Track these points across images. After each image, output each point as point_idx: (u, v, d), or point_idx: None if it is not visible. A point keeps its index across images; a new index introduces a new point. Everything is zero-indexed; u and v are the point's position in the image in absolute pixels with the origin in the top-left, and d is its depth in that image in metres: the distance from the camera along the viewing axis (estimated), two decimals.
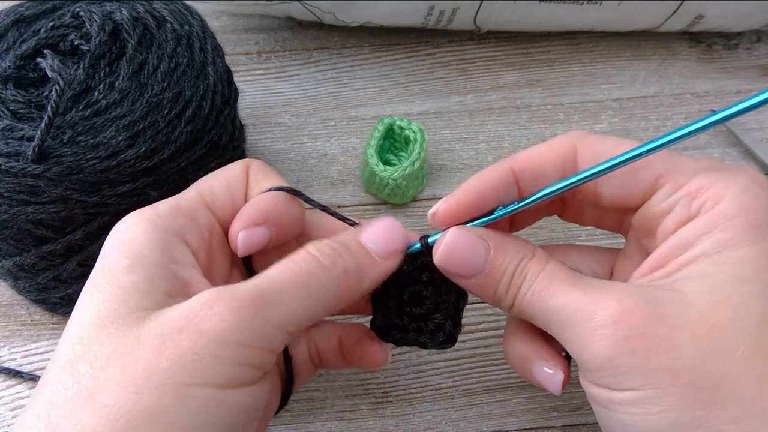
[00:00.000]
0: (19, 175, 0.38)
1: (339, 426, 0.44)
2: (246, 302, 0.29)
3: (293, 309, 0.30)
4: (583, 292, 0.30)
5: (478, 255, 0.33)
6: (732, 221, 0.29)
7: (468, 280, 0.33)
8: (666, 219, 0.31)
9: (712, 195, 0.30)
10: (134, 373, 0.27)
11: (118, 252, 0.31)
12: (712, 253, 0.29)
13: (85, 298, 0.30)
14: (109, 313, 0.29)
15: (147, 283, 0.30)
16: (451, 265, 0.33)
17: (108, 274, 0.30)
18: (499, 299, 0.33)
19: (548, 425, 0.44)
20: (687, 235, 0.30)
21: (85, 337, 0.29)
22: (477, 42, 0.63)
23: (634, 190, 0.32)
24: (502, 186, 0.34)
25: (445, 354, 0.46)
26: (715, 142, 0.56)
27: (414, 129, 0.52)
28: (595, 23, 0.60)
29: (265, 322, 0.29)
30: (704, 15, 0.58)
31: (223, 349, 0.28)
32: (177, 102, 0.41)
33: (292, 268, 0.31)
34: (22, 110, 0.40)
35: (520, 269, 0.32)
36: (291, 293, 0.30)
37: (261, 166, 0.36)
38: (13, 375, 0.46)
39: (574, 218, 0.38)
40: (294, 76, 0.61)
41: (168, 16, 0.45)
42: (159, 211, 0.33)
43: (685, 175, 0.31)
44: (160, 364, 0.27)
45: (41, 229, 0.41)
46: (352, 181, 0.55)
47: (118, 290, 0.30)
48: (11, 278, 0.46)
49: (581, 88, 0.60)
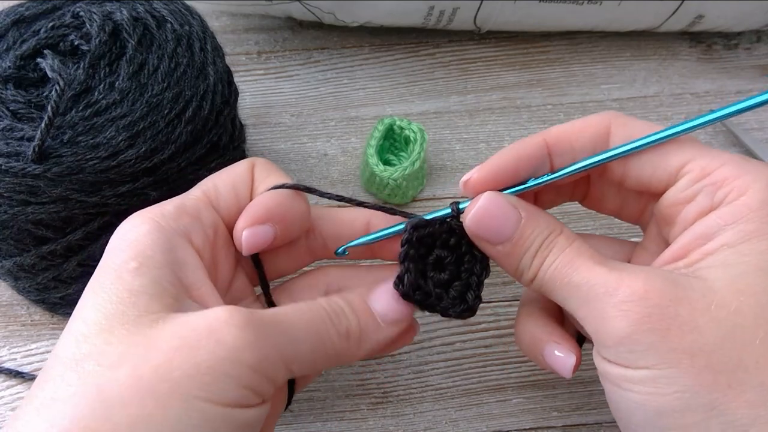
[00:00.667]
0: (19, 176, 0.38)
1: (339, 426, 0.44)
2: (263, 327, 0.29)
3: (302, 350, 0.31)
4: (608, 270, 0.30)
5: (509, 221, 0.33)
6: (756, 213, 0.29)
7: (495, 247, 0.33)
8: (688, 207, 0.32)
9: (737, 186, 0.30)
10: (143, 377, 0.27)
11: (123, 253, 0.31)
12: (735, 244, 0.29)
13: (89, 298, 0.30)
14: (117, 314, 0.29)
15: (155, 287, 0.30)
16: (480, 229, 0.33)
17: (114, 275, 0.30)
18: (522, 271, 0.33)
19: (548, 425, 0.44)
20: (710, 225, 0.30)
21: (91, 336, 0.29)
22: (477, 42, 0.63)
23: (659, 173, 0.33)
24: (536, 157, 0.34)
25: (445, 354, 0.46)
26: (716, 142, 0.56)
27: (414, 129, 0.52)
28: (595, 23, 0.60)
29: (276, 351, 0.29)
30: (704, 15, 0.58)
31: (235, 369, 0.28)
32: (177, 102, 0.41)
33: (306, 312, 0.32)
34: (22, 110, 0.40)
35: (548, 242, 0.32)
36: (303, 335, 0.31)
37: (266, 165, 0.36)
38: (14, 375, 0.46)
39: (595, 204, 0.38)
40: (294, 76, 0.61)
41: (168, 16, 0.45)
42: (164, 211, 0.33)
43: (710, 165, 0.31)
44: (172, 372, 0.27)
45: (41, 229, 0.41)
46: (352, 181, 0.55)
47: (127, 292, 0.29)
48: (11, 278, 0.46)
49: (581, 88, 0.60)
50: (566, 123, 0.35)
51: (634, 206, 0.37)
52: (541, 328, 0.36)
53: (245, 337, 0.28)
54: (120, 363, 0.27)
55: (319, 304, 0.33)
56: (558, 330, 0.36)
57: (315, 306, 0.32)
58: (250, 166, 0.36)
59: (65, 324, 0.47)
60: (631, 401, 0.29)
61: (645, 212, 0.37)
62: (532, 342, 0.36)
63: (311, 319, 0.32)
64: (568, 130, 0.34)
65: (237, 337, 0.28)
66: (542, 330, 0.36)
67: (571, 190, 0.38)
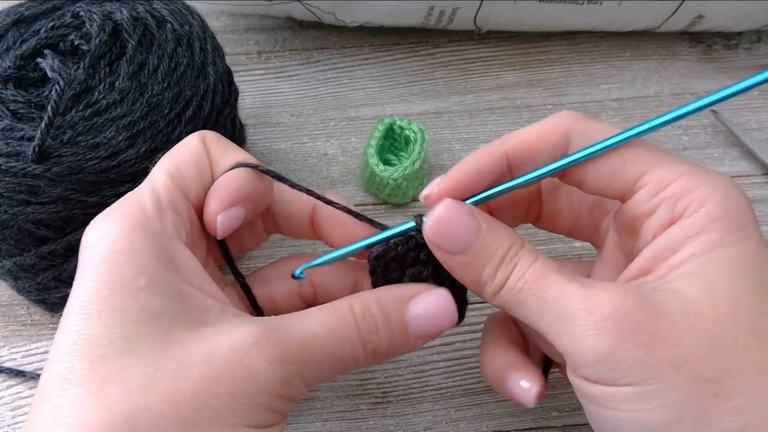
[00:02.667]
0: (19, 175, 0.38)
1: (339, 426, 0.44)
2: (293, 356, 0.29)
3: (325, 372, 0.31)
4: (580, 286, 0.30)
5: (469, 230, 0.31)
6: (718, 223, 0.29)
7: (454, 257, 0.32)
8: (650, 220, 0.31)
9: (697, 198, 0.30)
10: (178, 405, 0.27)
11: (127, 267, 0.29)
12: (701, 254, 0.29)
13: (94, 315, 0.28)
14: (139, 337, 0.28)
15: (173, 304, 0.29)
16: (438, 238, 0.32)
17: (124, 292, 0.28)
18: (484, 283, 0.32)
19: (548, 425, 0.44)
20: (673, 238, 0.30)
21: (108, 358, 0.27)
22: (477, 42, 0.63)
23: (616, 183, 0.32)
24: (497, 170, 0.33)
25: (445, 354, 0.46)
26: (715, 142, 0.56)
27: (414, 129, 0.52)
28: (595, 23, 0.60)
29: (301, 380, 0.30)
30: (704, 15, 0.58)
31: (268, 399, 0.29)
32: (177, 102, 0.41)
33: (338, 332, 0.31)
34: (22, 110, 0.40)
35: (510, 254, 0.31)
36: (330, 359, 0.30)
37: (217, 138, 0.35)
38: (14, 375, 0.46)
39: (548, 224, 0.38)
40: (294, 76, 0.61)
41: (168, 16, 0.45)
42: (145, 210, 0.31)
43: (667, 176, 0.31)
44: (209, 400, 0.27)
45: (41, 229, 0.41)
46: (352, 181, 0.55)
47: (147, 313, 0.28)
48: (11, 278, 0.46)
49: (581, 88, 0.60)
50: (525, 129, 0.34)
51: (588, 222, 0.36)
52: (502, 356, 0.35)
53: (277, 373, 0.28)
54: (149, 387, 0.27)
55: (351, 319, 0.31)
56: (521, 358, 0.35)
57: (347, 325, 0.31)
58: (202, 141, 0.34)
59: None
60: (618, 419, 0.29)
61: (599, 228, 0.36)
62: (495, 371, 0.35)
63: (342, 340, 0.31)
64: (529, 139, 0.33)
65: (269, 372, 0.28)
66: (503, 358, 0.35)
67: (524, 211, 0.38)
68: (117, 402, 0.26)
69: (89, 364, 0.27)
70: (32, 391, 0.45)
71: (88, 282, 0.29)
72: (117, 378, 0.27)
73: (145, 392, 0.27)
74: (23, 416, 0.44)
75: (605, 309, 0.28)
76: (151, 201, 0.31)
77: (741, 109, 0.58)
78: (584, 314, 0.29)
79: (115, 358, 0.27)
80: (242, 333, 0.29)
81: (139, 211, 0.31)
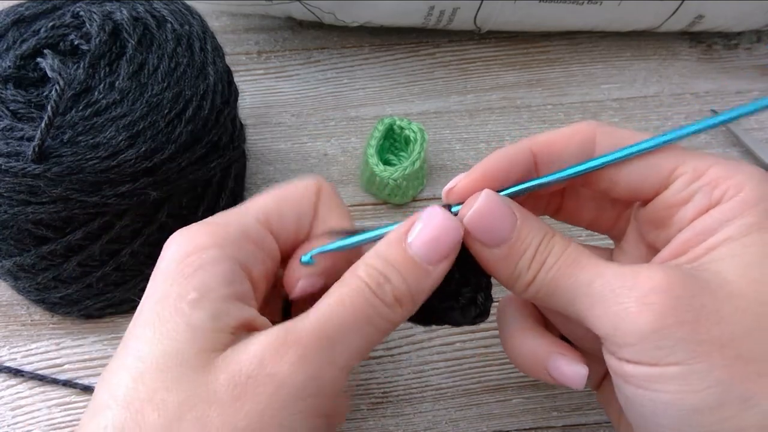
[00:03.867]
0: (19, 175, 0.38)
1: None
2: (312, 347, 0.28)
3: (356, 347, 0.29)
4: (618, 266, 0.29)
5: (506, 222, 0.31)
6: (755, 208, 0.29)
7: (490, 250, 0.31)
8: (685, 207, 0.31)
9: (734, 184, 0.30)
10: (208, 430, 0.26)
11: (186, 282, 0.29)
12: (739, 237, 0.29)
13: (144, 329, 0.28)
14: (175, 353, 0.28)
15: (214, 322, 0.28)
16: (478, 231, 0.31)
17: (173, 307, 0.28)
18: (518, 275, 0.31)
19: (548, 425, 0.44)
20: (710, 221, 0.30)
21: (147, 375, 0.27)
22: (477, 42, 0.63)
23: (651, 179, 0.32)
24: (524, 165, 0.33)
25: (445, 354, 0.46)
26: (715, 142, 0.56)
27: (414, 129, 0.52)
28: (595, 23, 0.60)
29: (332, 366, 0.28)
30: (704, 15, 0.57)
31: (299, 404, 0.27)
32: (177, 102, 0.41)
33: (351, 302, 0.29)
34: (22, 110, 0.40)
35: (545, 243, 0.31)
36: (354, 331, 0.29)
37: (332, 195, 0.34)
38: (14, 374, 0.46)
39: (569, 217, 0.38)
40: (294, 76, 0.61)
41: (168, 16, 0.45)
42: (228, 235, 0.31)
43: (701, 166, 0.31)
44: (238, 422, 0.26)
45: (41, 229, 0.41)
46: (352, 181, 0.55)
47: (186, 326, 0.28)
48: (11, 278, 0.45)
49: (581, 88, 0.60)
50: (550, 131, 0.34)
51: (610, 215, 0.36)
52: (539, 341, 0.34)
53: (301, 371, 0.27)
54: (182, 415, 0.27)
55: (358, 281, 0.30)
56: (559, 341, 0.34)
57: (357, 284, 0.29)
58: (316, 192, 0.34)
59: (65, 324, 0.48)
60: (659, 402, 0.28)
61: (620, 220, 0.36)
62: (533, 357, 0.34)
63: (358, 307, 0.29)
64: (555, 138, 0.33)
65: (294, 374, 0.27)
66: (541, 343, 0.34)
67: (545, 204, 0.37)
68: (152, 427, 0.26)
69: (132, 383, 0.27)
70: (32, 391, 0.45)
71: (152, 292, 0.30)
72: (154, 402, 0.27)
73: (180, 419, 0.26)
74: (23, 416, 0.44)
75: (647, 284, 0.28)
76: (237, 229, 0.31)
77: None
78: (624, 291, 0.28)
79: (152, 377, 0.27)
80: (262, 343, 0.28)
81: (221, 232, 0.31)
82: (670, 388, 0.27)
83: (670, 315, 0.27)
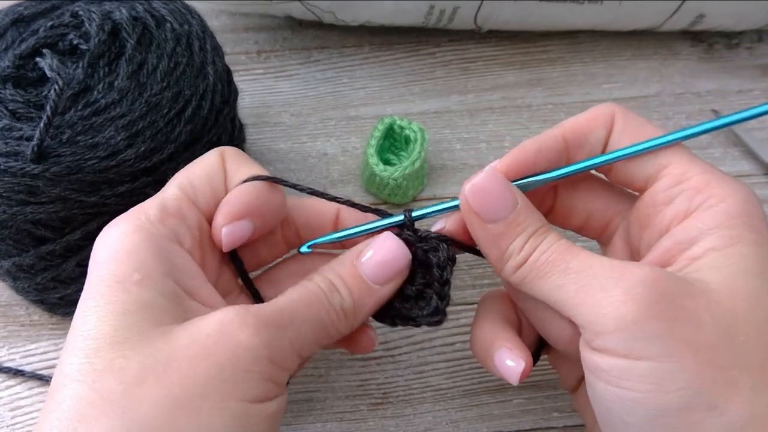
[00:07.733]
0: (18, 175, 0.38)
1: (339, 427, 0.44)
2: (271, 322, 0.30)
3: (306, 336, 0.31)
4: (608, 259, 0.30)
5: (506, 201, 0.32)
6: (737, 220, 0.30)
7: (486, 225, 0.32)
8: (666, 209, 0.32)
9: (717, 194, 0.30)
10: (169, 389, 0.27)
11: (123, 264, 0.30)
12: (721, 248, 0.30)
13: (92, 311, 0.29)
14: (130, 327, 0.29)
15: (163, 299, 0.30)
16: (476, 203, 0.32)
17: (119, 287, 0.30)
18: (509, 256, 0.32)
19: (549, 426, 0.44)
20: (691, 230, 0.31)
21: (102, 350, 0.28)
22: (477, 41, 0.63)
23: (642, 172, 0.33)
24: (556, 151, 0.34)
25: (445, 354, 0.46)
26: (716, 142, 0.56)
27: (414, 129, 0.52)
28: (596, 23, 0.59)
29: (286, 342, 0.30)
30: (705, 14, 0.57)
31: (255, 364, 0.29)
32: (176, 102, 0.41)
33: (305, 297, 0.32)
34: (21, 110, 0.40)
35: (541, 231, 0.32)
36: (305, 320, 0.31)
37: (236, 154, 0.36)
38: (13, 374, 0.46)
39: (560, 219, 0.38)
40: (294, 76, 0.61)
41: (167, 16, 0.45)
42: (149, 216, 0.32)
43: (690, 170, 0.32)
44: (196, 379, 0.27)
45: (40, 229, 0.41)
46: (352, 181, 0.55)
47: (136, 305, 0.29)
48: (10, 278, 0.45)
49: (582, 87, 0.60)
50: (575, 116, 0.35)
51: (599, 220, 0.37)
52: (493, 332, 0.35)
53: (259, 333, 0.29)
54: (142, 379, 0.27)
55: (315, 284, 0.33)
56: (511, 335, 0.35)
57: (312, 287, 0.32)
58: (220, 156, 0.35)
59: (65, 324, 0.48)
60: (626, 400, 0.28)
61: (609, 226, 0.37)
62: (483, 346, 0.35)
63: (310, 303, 0.32)
64: (581, 122, 0.34)
65: (251, 335, 0.29)
66: (495, 334, 0.35)
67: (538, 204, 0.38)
68: (114, 394, 0.27)
69: (85, 359, 0.28)
70: (31, 392, 0.45)
71: (88, 283, 0.31)
72: (112, 370, 0.28)
73: (140, 384, 0.27)
74: (22, 416, 0.44)
75: (634, 277, 0.29)
76: (156, 208, 0.33)
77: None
78: (611, 281, 0.29)
79: (109, 350, 0.28)
80: (225, 312, 0.30)
81: (142, 215, 0.32)
82: (639, 386, 0.28)
83: (652, 309, 0.28)
